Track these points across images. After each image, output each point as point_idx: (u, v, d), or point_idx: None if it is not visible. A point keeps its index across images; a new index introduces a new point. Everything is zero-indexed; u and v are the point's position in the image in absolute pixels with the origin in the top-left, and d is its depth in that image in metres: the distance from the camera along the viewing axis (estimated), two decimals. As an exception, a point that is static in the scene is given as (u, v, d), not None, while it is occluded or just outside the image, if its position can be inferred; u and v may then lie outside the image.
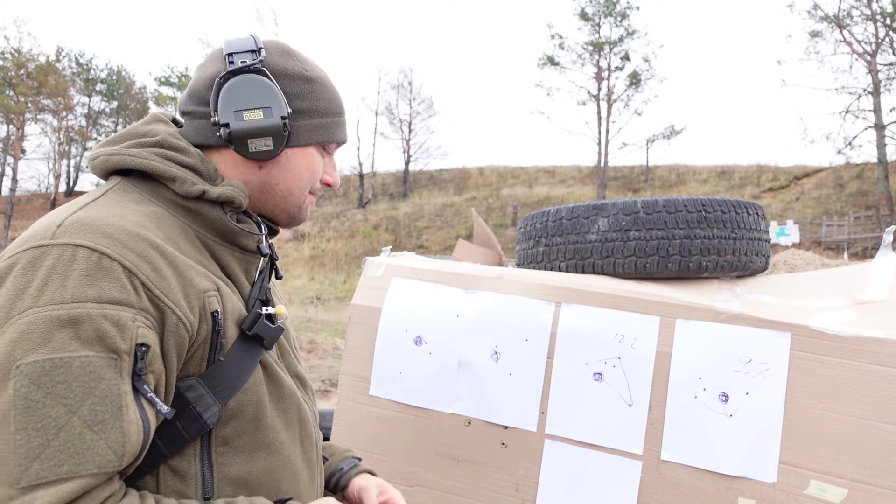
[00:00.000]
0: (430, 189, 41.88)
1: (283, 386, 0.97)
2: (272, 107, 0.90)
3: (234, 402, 0.87)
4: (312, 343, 9.40)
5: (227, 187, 0.91)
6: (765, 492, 1.40)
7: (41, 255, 0.73)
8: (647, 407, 1.53)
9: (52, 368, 0.68)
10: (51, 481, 0.67)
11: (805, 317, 1.47)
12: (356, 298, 1.89)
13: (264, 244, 0.97)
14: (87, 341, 0.71)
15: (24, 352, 0.68)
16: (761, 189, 33.38)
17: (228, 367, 0.87)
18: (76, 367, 0.69)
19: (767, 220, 1.82)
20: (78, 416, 0.69)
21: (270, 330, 0.93)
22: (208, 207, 0.90)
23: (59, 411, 0.68)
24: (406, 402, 1.76)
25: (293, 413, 0.98)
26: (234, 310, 0.90)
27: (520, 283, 1.73)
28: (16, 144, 37.61)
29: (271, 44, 0.98)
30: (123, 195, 0.86)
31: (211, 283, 0.86)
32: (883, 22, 27.79)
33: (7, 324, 0.69)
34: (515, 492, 1.63)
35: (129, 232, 0.78)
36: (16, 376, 0.67)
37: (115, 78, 43.72)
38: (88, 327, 0.71)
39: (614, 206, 1.68)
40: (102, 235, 0.75)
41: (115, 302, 0.73)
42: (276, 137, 0.92)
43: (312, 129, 0.98)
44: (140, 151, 0.89)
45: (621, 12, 34.66)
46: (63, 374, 0.69)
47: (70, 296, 0.71)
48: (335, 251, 32.22)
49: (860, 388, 1.36)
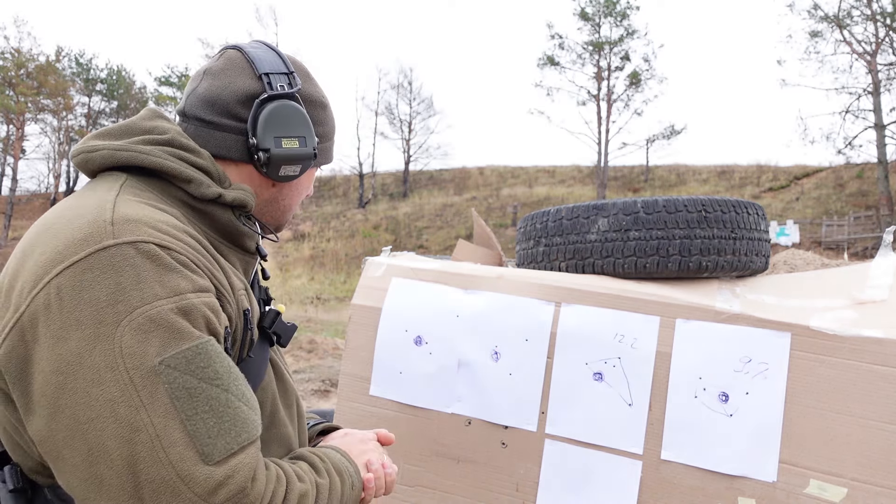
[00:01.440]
0: (430, 189, 41.88)
1: (287, 382, 1.01)
2: (306, 137, 0.95)
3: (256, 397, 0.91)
4: (312, 343, 9.39)
5: (240, 191, 0.92)
6: (765, 491, 1.40)
7: (115, 255, 0.71)
8: (647, 407, 1.53)
9: (194, 357, 0.71)
10: (237, 450, 0.72)
11: (805, 317, 1.47)
12: (356, 298, 1.89)
13: (261, 246, 1.00)
14: (200, 328, 0.74)
15: (157, 348, 0.70)
16: (761, 189, 33.38)
17: (252, 364, 0.90)
18: (210, 351, 0.73)
19: (767, 220, 1.82)
20: (231, 393, 0.74)
21: (287, 328, 0.98)
22: (220, 210, 0.91)
23: (217, 392, 0.73)
24: (406, 402, 1.76)
25: (294, 408, 1.02)
26: (255, 308, 0.94)
27: (520, 283, 1.73)
28: (16, 144, 37.61)
29: (294, 64, 1.00)
30: (141, 193, 0.84)
31: (240, 282, 0.90)
32: (883, 22, 27.79)
33: (120, 326, 0.69)
34: (515, 492, 1.63)
35: (177, 226, 0.80)
36: (163, 372, 0.69)
37: (115, 78, 43.70)
38: (197, 316, 0.74)
39: (614, 206, 1.68)
40: (160, 231, 0.77)
41: (205, 290, 0.77)
42: (304, 165, 0.97)
43: (323, 152, 1.04)
44: (153, 150, 0.87)
45: (621, 12, 34.65)
46: (204, 359, 0.72)
47: (171, 290, 0.72)
48: (335, 251, 32.22)
49: (860, 388, 1.36)
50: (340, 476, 0.90)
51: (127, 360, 0.68)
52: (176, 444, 0.68)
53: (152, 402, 0.68)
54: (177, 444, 0.68)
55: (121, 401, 0.68)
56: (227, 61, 0.96)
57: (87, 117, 43.16)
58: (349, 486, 0.91)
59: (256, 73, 0.94)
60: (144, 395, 0.68)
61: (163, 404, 0.68)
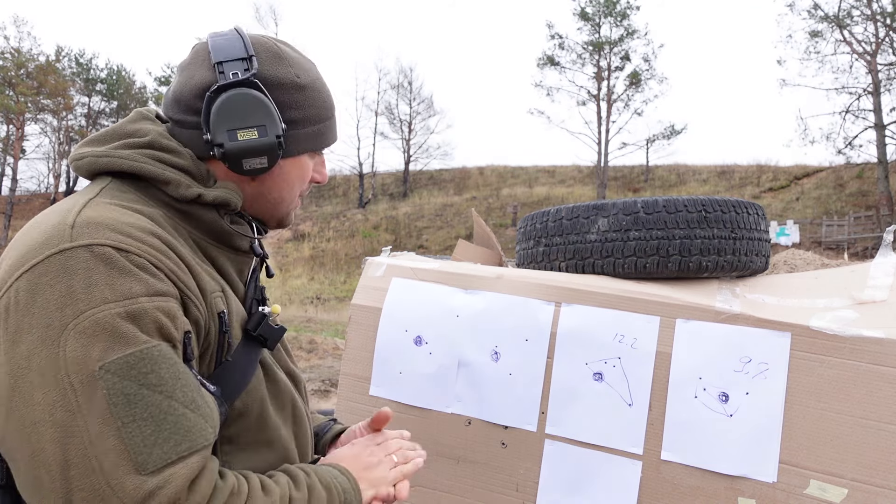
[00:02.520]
0: (430, 189, 41.87)
1: (280, 384, 0.98)
2: (267, 125, 0.88)
3: (239, 402, 0.88)
4: (312, 343, 9.39)
5: (222, 190, 0.90)
6: (765, 491, 1.40)
7: (69, 259, 0.71)
8: (647, 407, 1.53)
9: (137, 362, 0.70)
10: (175, 460, 0.70)
11: (805, 317, 1.47)
12: (356, 298, 1.89)
13: (256, 245, 0.98)
14: (149, 334, 0.72)
15: (100, 353, 0.69)
16: (761, 189, 33.37)
17: (235, 368, 0.87)
18: (156, 356, 0.71)
19: (767, 220, 1.82)
20: (175, 400, 0.72)
21: (274, 330, 0.93)
22: (203, 210, 0.89)
23: (158, 398, 0.70)
24: (406, 402, 1.76)
25: (289, 410, 0.99)
26: (238, 310, 0.91)
27: (520, 283, 1.73)
28: (16, 144, 37.62)
29: (261, 46, 0.93)
30: (121, 195, 0.84)
31: (216, 284, 0.87)
32: (883, 22, 27.79)
33: (66, 331, 0.68)
34: (515, 492, 1.63)
35: (142, 228, 0.78)
36: (103, 377, 0.68)
37: (115, 78, 43.70)
38: (147, 321, 0.72)
39: (614, 206, 1.68)
40: (121, 233, 0.75)
41: (161, 294, 0.75)
42: (271, 155, 0.89)
43: (306, 138, 0.96)
44: (130, 153, 0.86)
45: (621, 12, 34.66)
46: (148, 365, 0.70)
47: (121, 293, 0.71)
48: (335, 251, 32.22)
49: (860, 388, 1.36)
50: (328, 491, 0.87)
51: (69, 364, 0.68)
52: (109, 452, 0.67)
53: (90, 408, 0.68)
54: (110, 452, 0.67)
55: (59, 405, 0.67)
56: (193, 55, 0.93)
57: (87, 117, 43.16)
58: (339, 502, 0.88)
59: (212, 63, 0.89)
60: (83, 399, 0.68)
61: (100, 410, 0.68)
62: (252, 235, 0.95)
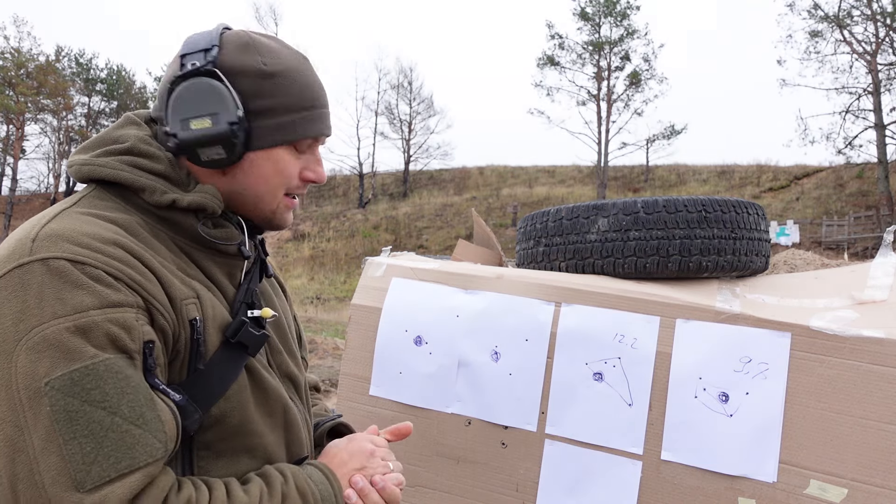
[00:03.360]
0: (430, 189, 41.88)
1: (269, 390, 0.94)
2: (220, 112, 0.85)
3: (217, 408, 0.86)
4: (312, 343, 9.39)
5: (199, 194, 0.88)
6: (765, 491, 1.40)
7: (26, 273, 0.72)
8: (647, 407, 1.53)
9: (81, 378, 0.70)
10: (114, 478, 0.70)
11: (805, 317, 1.47)
12: (356, 298, 1.89)
13: (247, 247, 0.95)
14: (101, 347, 0.72)
15: (46, 369, 0.69)
16: (761, 189, 33.37)
17: (211, 375, 0.86)
18: (102, 371, 0.71)
19: (767, 220, 1.82)
20: (119, 416, 0.71)
21: (255, 337, 0.91)
22: (181, 216, 0.87)
23: (101, 415, 0.70)
24: (406, 402, 1.76)
25: (279, 417, 0.96)
26: (217, 316, 0.88)
27: (520, 283, 1.73)
28: (16, 144, 37.62)
29: (230, 37, 0.91)
30: (98, 203, 0.85)
31: (189, 291, 0.85)
32: (883, 22, 27.79)
33: (17, 347, 0.70)
34: (515, 492, 1.63)
35: (105, 238, 0.78)
36: (48, 394, 0.69)
37: (115, 78, 43.71)
38: (98, 333, 0.72)
39: (614, 206, 1.68)
40: (79, 245, 0.75)
41: (116, 305, 0.74)
42: (227, 144, 0.86)
43: (276, 128, 0.91)
44: (108, 161, 0.86)
45: (621, 12, 34.66)
46: (93, 381, 0.70)
47: (71, 307, 0.71)
48: (335, 251, 32.22)
49: (860, 388, 1.36)
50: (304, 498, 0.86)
51: (19, 379, 0.69)
52: (51, 469, 0.68)
53: (35, 424, 0.69)
54: (51, 469, 0.68)
55: (9, 420, 0.69)
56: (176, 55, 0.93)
57: (87, 117, 43.17)
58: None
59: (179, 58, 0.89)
60: (29, 416, 0.69)
61: (44, 427, 0.68)
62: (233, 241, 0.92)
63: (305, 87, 0.93)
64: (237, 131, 0.86)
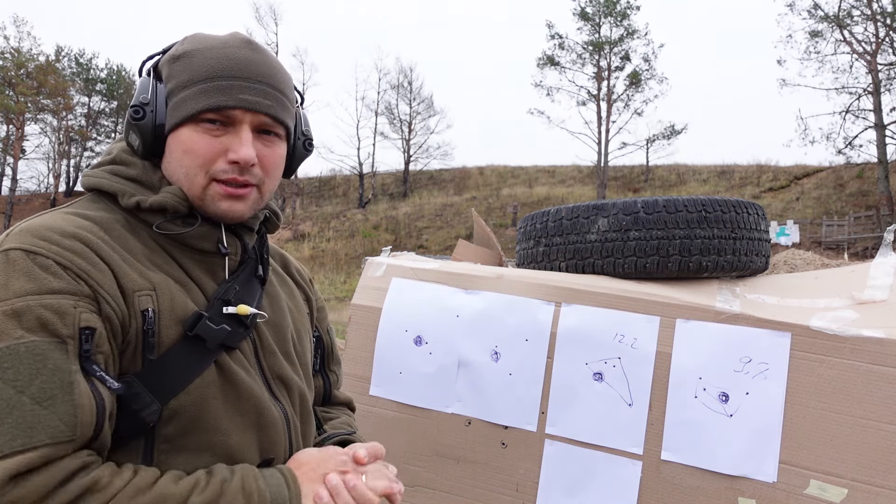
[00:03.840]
0: (430, 189, 41.88)
1: (242, 389, 0.93)
2: (137, 102, 0.92)
3: (175, 402, 0.87)
4: (312, 343, 9.38)
5: (163, 194, 0.92)
6: (765, 491, 1.40)
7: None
8: (647, 407, 1.53)
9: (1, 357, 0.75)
10: (6, 454, 0.72)
11: (805, 317, 1.47)
12: (356, 298, 1.89)
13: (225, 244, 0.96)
14: (30, 329, 0.76)
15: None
16: (761, 189, 33.37)
17: (168, 367, 0.87)
18: (22, 352, 0.76)
19: (767, 220, 1.82)
20: (27, 395, 0.75)
21: (213, 331, 0.90)
22: (151, 216, 0.92)
23: (9, 393, 0.74)
24: (406, 402, 1.76)
25: (251, 416, 0.94)
26: (177, 309, 0.89)
27: (520, 283, 1.73)
28: (16, 144, 37.62)
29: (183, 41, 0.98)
30: (88, 205, 0.93)
31: (145, 283, 0.87)
32: (883, 22, 27.79)
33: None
34: (515, 492, 1.63)
35: (65, 232, 0.83)
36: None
37: (115, 78, 43.71)
38: (30, 317, 0.77)
39: (614, 206, 1.68)
40: (38, 237, 0.82)
41: (54, 292, 0.79)
42: (138, 128, 0.92)
43: (176, 106, 0.90)
44: (95, 171, 0.97)
45: (621, 12, 34.66)
46: (10, 360, 0.75)
47: (12, 293, 0.77)
48: (335, 251, 32.22)
49: (860, 388, 1.36)
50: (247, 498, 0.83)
51: None
52: None
53: None
54: None
55: None
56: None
57: (87, 117, 43.17)
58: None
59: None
60: None
61: None
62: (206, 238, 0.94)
63: (210, 62, 0.90)
64: (137, 115, 0.91)
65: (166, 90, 0.92)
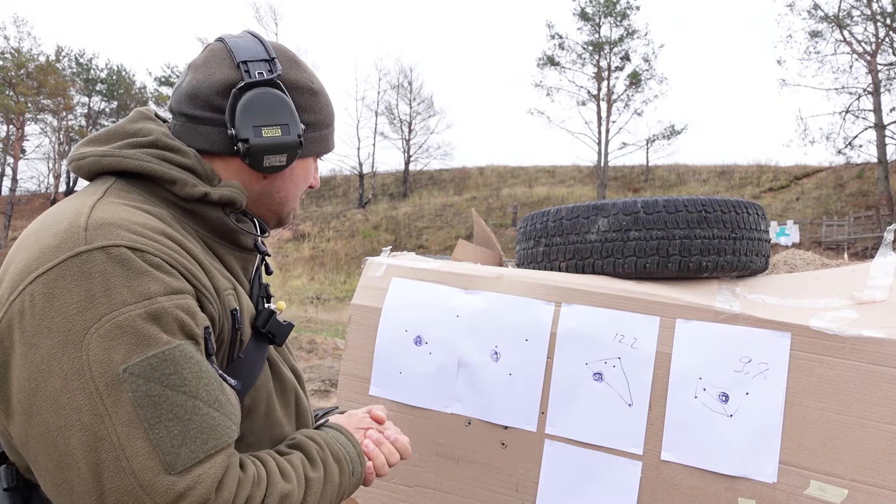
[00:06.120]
0: (430, 189, 41.87)
1: (286, 381, 0.99)
2: (290, 124, 0.91)
3: (248, 398, 0.89)
4: (312, 343, 9.39)
5: (227, 189, 0.91)
6: (765, 492, 1.40)
7: (86, 262, 0.72)
8: (647, 407, 1.53)
9: (159, 363, 0.71)
10: (203, 459, 0.71)
11: (805, 317, 1.47)
12: (356, 299, 1.89)
13: (260, 242, 0.99)
14: (171, 333, 0.73)
15: (122, 356, 0.69)
16: (761, 189, 33.37)
17: (244, 365, 0.89)
18: (178, 357, 0.73)
19: (767, 220, 1.82)
20: (199, 399, 0.73)
21: (282, 327, 0.95)
22: (209, 209, 0.90)
23: (183, 399, 0.72)
24: (406, 402, 1.76)
25: (293, 407, 1.00)
26: (248, 308, 0.92)
27: (520, 283, 1.73)
28: (16, 144, 37.61)
29: (279, 51, 0.97)
30: (126, 195, 0.84)
31: (228, 282, 0.88)
32: (883, 22, 27.78)
33: (88, 335, 0.69)
34: (515, 492, 1.63)
35: (154, 228, 0.79)
36: (127, 380, 0.69)
37: (115, 78, 43.68)
38: (168, 319, 0.73)
39: (614, 206, 1.68)
40: (134, 233, 0.76)
41: (179, 292, 0.76)
42: (290, 154, 0.93)
43: (316, 141, 1.01)
44: (135, 153, 0.87)
45: (621, 12, 34.66)
46: (171, 366, 0.72)
47: (140, 294, 0.72)
48: (335, 251, 32.22)
49: (860, 388, 1.36)
50: (339, 464, 0.90)
51: (93, 367, 0.69)
52: (138, 454, 0.68)
53: (116, 411, 0.68)
54: (139, 454, 0.68)
55: (86, 409, 0.68)
56: (209, 54, 0.95)
57: (87, 117, 43.16)
58: (349, 474, 0.91)
59: (235, 62, 0.92)
60: (109, 403, 0.69)
61: (126, 413, 0.69)
62: (255, 233, 0.97)
63: (331, 105, 1.05)
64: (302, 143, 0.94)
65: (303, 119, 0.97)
